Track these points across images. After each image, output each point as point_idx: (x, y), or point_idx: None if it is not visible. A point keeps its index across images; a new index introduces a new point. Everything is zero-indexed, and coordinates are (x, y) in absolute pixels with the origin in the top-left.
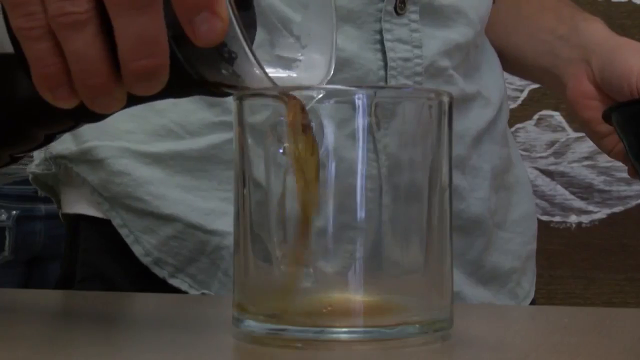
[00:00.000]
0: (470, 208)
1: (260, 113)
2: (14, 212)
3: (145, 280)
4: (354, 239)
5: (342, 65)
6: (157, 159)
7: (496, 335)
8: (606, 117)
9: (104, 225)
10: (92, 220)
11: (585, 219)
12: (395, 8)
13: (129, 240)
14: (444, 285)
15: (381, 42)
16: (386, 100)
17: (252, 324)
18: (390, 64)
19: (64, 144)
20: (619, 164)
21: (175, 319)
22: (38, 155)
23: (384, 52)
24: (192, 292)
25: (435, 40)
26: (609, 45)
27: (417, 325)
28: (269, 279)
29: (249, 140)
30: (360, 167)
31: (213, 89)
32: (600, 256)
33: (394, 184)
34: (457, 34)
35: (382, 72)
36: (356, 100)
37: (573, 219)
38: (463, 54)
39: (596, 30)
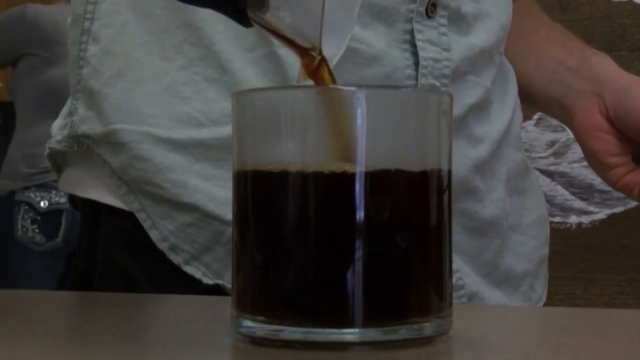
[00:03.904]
0: (486, 209)
1: (260, 108)
2: None
3: (162, 273)
4: (352, 239)
5: (371, 61)
6: (178, 146)
7: (496, 336)
8: (636, 159)
9: (121, 217)
10: (109, 211)
11: (585, 219)
12: (426, 10)
13: (146, 225)
14: (444, 286)
15: (410, 42)
16: (385, 99)
17: (250, 325)
18: (422, 62)
19: (90, 124)
20: None
21: (174, 320)
22: (60, 132)
23: (412, 53)
24: (206, 280)
25: (461, 46)
26: (624, 82)
27: (416, 326)
28: (268, 279)
29: (248, 137)
30: (359, 166)
31: (240, 14)
32: (601, 257)
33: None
34: (480, 40)
35: (408, 71)
36: (356, 100)
37: (573, 219)
38: (486, 60)
39: (608, 65)
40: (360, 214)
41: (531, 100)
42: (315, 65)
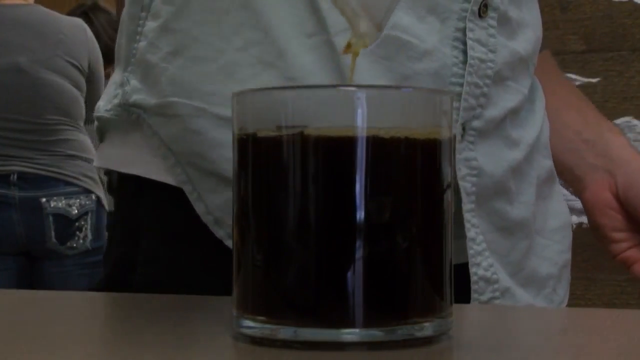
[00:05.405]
0: (515, 211)
1: (260, 108)
2: None
3: (202, 251)
4: (353, 238)
5: (422, 55)
6: (230, 123)
7: (496, 336)
8: None
9: (164, 195)
10: (151, 188)
11: (586, 219)
12: (479, 10)
13: (192, 197)
14: (444, 286)
15: (460, 40)
16: (385, 99)
17: (251, 325)
18: (470, 61)
19: (143, 95)
20: None
21: (174, 320)
22: (110, 100)
23: (461, 51)
24: None
25: (505, 51)
26: (636, 165)
27: (416, 326)
28: (268, 279)
29: (249, 140)
30: (359, 165)
31: None
32: (602, 257)
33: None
34: (521, 47)
35: (455, 69)
36: (356, 100)
37: (574, 219)
38: (524, 68)
39: (622, 145)
40: (360, 213)
41: None
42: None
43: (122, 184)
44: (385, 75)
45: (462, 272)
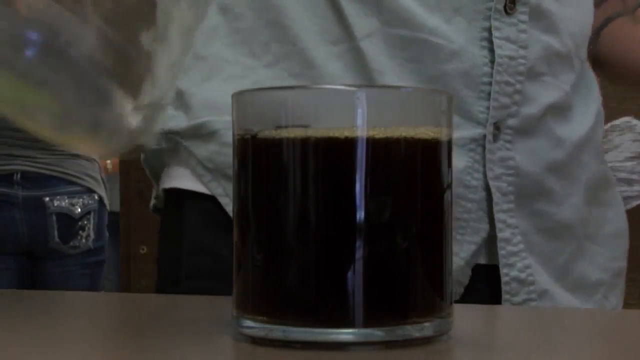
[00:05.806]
0: (561, 213)
1: (260, 108)
2: None
3: None
4: (353, 238)
5: (451, 56)
6: None
7: (496, 336)
8: None
9: (204, 200)
10: (193, 196)
11: None
12: (505, 7)
13: (229, 208)
14: (444, 286)
15: (488, 39)
16: (385, 99)
17: (251, 325)
18: (498, 60)
19: (176, 121)
20: (620, 163)
21: (174, 320)
22: None
23: (490, 50)
24: None
25: (539, 44)
26: None
27: (417, 326)
28: (268, 279)
29: (249, 140)
30: (359, 165)
31: None
32: None
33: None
34: (558, 42)
35: (486, 68)
36: (356, 100)
37: None
38: (564, 63)
39: None
40: (360, 213)
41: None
42: None
43: (166, 196)
44: (413, 78)
45: (496, 273)
